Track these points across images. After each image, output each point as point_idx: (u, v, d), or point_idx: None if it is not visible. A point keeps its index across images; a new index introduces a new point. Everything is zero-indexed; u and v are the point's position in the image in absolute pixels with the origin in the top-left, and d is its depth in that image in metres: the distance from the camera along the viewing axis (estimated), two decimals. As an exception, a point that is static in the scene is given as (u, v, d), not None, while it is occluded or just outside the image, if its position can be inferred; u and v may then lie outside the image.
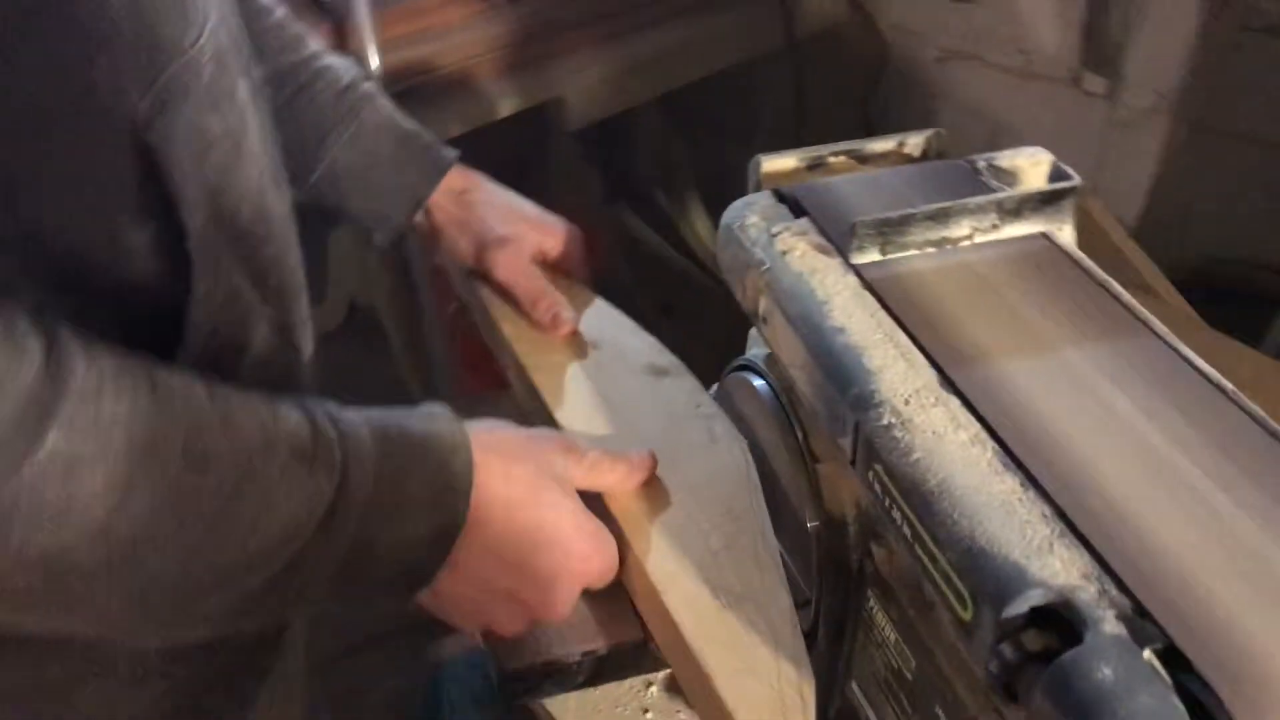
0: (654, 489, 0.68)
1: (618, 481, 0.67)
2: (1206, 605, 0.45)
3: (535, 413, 0.78)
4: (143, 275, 0.55)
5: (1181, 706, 0.42)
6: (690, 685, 0.61)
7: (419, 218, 0.88)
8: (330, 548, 0.53)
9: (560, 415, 0.75)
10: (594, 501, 0.67)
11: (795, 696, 0.58)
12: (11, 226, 0.49)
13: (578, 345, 0.83)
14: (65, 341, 0.46)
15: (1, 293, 0.47)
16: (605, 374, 0.79)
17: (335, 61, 0.88)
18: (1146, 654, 0.43)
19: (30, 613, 0.49)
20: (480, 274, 0.89)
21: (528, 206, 0.90)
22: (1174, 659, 0.43)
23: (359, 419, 0.57)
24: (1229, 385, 0.56)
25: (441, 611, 0.62)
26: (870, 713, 0.64)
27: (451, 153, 0.89)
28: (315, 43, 0.88)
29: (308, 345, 0.71)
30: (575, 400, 0.76)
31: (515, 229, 0.88)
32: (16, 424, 0.43)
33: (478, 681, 1.67)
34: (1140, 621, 0.44)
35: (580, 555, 0.62)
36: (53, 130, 0.50)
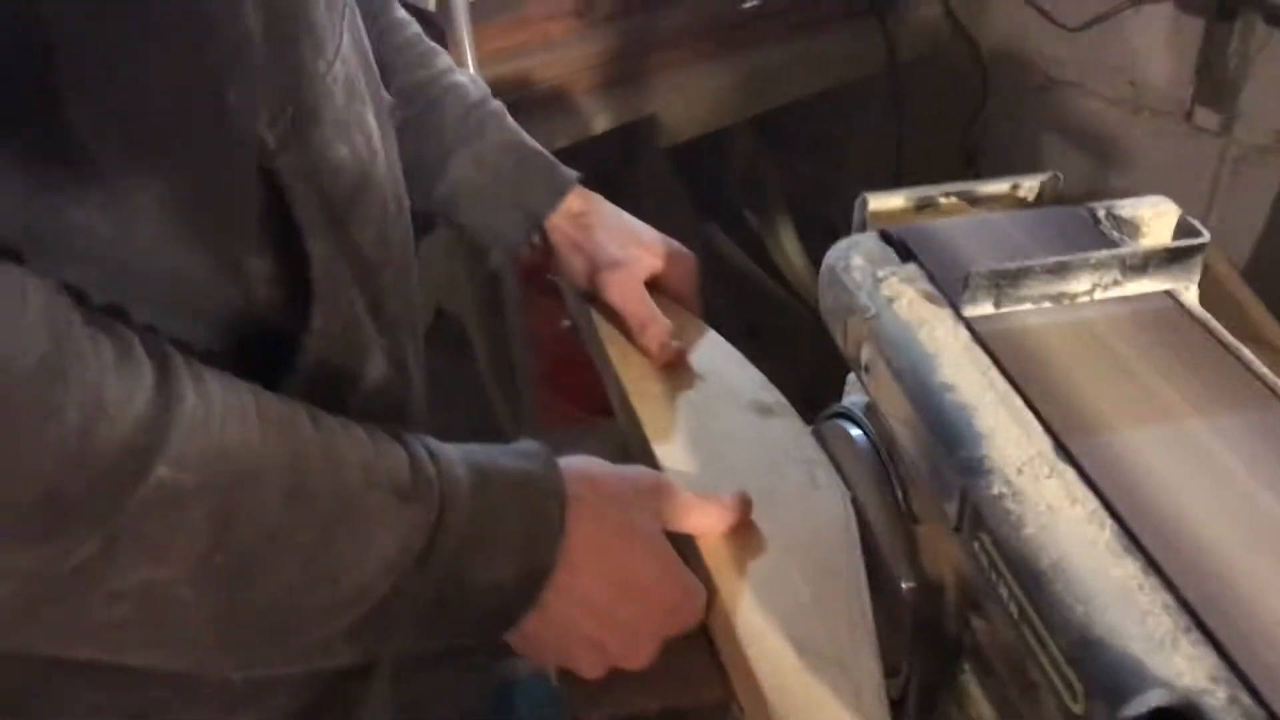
0: (747, 534, 0.66)
1: (710, 525, 0.65)
2: (1350, 720, 0.41)
3: (634, 441, 0.77)
4: (260, 302, 0.55)
5: (1322, 835, 0.38)
6: None
7: (536, 238, 0.88)
8: (422, 587, 0.52)
9: (658, 448, 0.73)
10: (684, 543, 0.65)
11: None
12: (130, 249, 0.49)
13: (684, 375, 0.80)
14: (176, 366, 0.45)
15: (117, 314, 0.47)
16: (709, 408, 0.76)
17: (464, 79, 0.88)
18: (1283, 772, 0.40)
19: (117, 643, 0.48)
20: (592, 296, 0.87)
21: (646, 231, 0.89)
22: (1312, 779, 0.40)
23: (457, 456, 0.56)
24: (1374, 470, 0.51)
25: (522, 649, 0.60)
26: (961, 790, 0.60)
27: (572, 174, 0.88)
28: (445, 59, 0.88)
29: (419, 376, 0.70)
30: (675, 433, 0.74)
31: (630, 252, 0.86)
32: (127, 451, 0.42)
33: (546, 700, 1.66)
34: (1276, 734, 0.41)
35: (668, 605, 0.60)
36: (178, 150, 0.49)
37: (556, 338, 1.82)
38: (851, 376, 0.74)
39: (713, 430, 0.74)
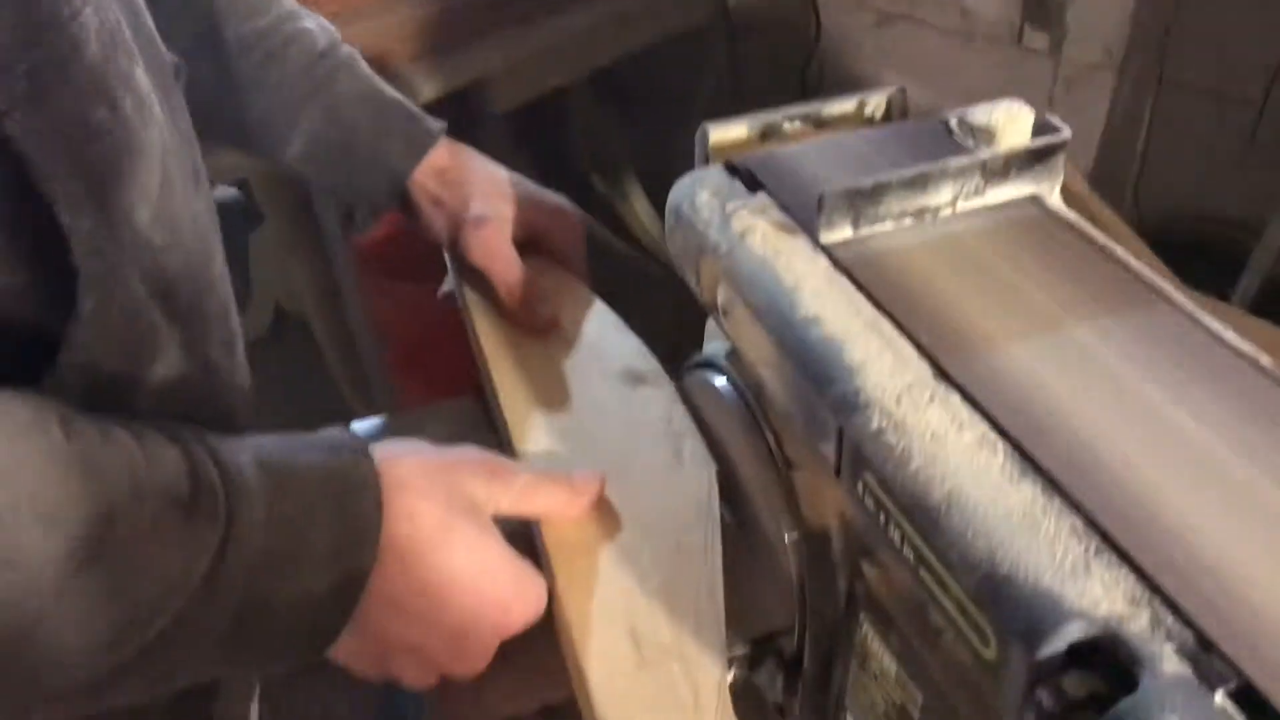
0: (598, 514, 0.60)
1: (555, 508, 0.59)
2: (1281, 630, 0.37)
3: (496, 417, 0.70)
4: (13, 290, 0.46)
5: (1268, 762, 0.34)
6: None
7: (398, 198, 0.80)
8: (215, 610, 0.45)
9: (514, 423, 0.67)
10: (529, 529, 0.59)
11: None
12: None
13: (553, 343, 0.74)
14: None
15: None
16: (575, 377, 0.71)
17: (310, 24, 0.79)
18: (1219, 698, 0.36)
19: None
20: (458, 259, 0.80)
21: (519, 184, 0.81)
22: (1252, 701, 0.36)
23: (247, 455, 0.48)
24: (1264, 358, 0.48)
25: (343, 663, 0.53)
26: (870, 751, 0.56)
27: (437, 125, 0.81)
28: (285, 4, 0.79)
29: (235, 367, 0.62)
30: (535, 406, 0.68)
31: (496, 208, 0.78)
32: None
33: (432, 707, 1.58)
34: (1207, 656, 0.37)
35: (498, 604, 0.54)
36: None
37: (409, 323, 1.73)
38: (711, 323, 0.69)
39: (578, 402, 0.68)
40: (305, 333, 2.01)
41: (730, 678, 0.54)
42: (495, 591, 0.54)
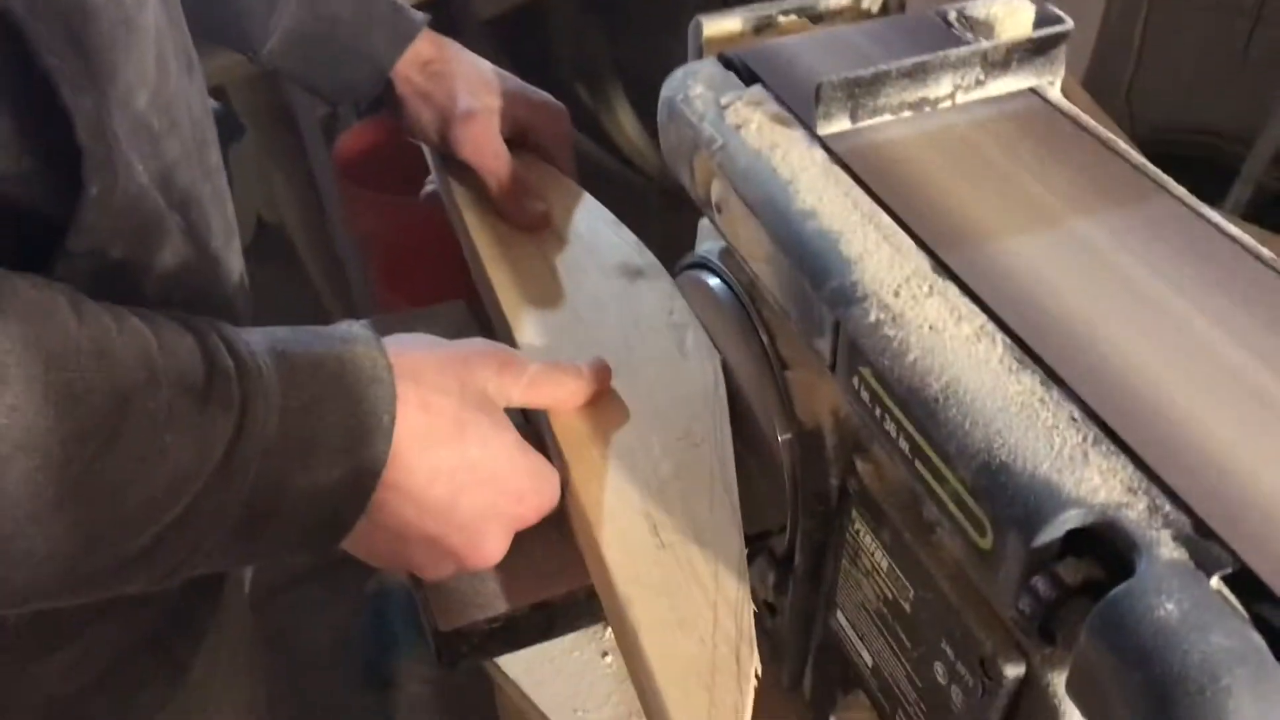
0: (605, 406, 0.59)
1: (565, 398, 0.58)
2: (1277, 514, 0.37)
3: (493, 315, 0.69)
4: (13, 173, 0.46)
5: (1263, 643, 0.34)
6: (618, 634, 0.53)
7: (382, 91, 0.78)
8: (228, 500, 0.45)
9: (514, 319, 0.66)
10: (537, 420, 0.59)
11: (729, 657, 0.49)
12: None
13: (547, 239, 0.73)
14: None
15: None
16: (572, 273, 0.69)
17: None
18: (1215, 581, 0.36)
19: None
20: (446, 155, 0.78)
21: (507, 79, 0.79)
22: (1247, 585, 0.36)
23: (261, 344, 0.48)
24: (1265, 250, 0.48)
25: (357, 554, 0.53)
26: (860, 647, 0.56)
27: (420, 16, 0.78)
28: None
29: (234, 261, 0.62)
30: (534, 302, 0.67)
31: (485, 102, 0.76)
32: None
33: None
34: (1203, 542, 0.37)
35: (513, 495, 0.54)
36: None
37: (391, 234, 1.72)
38: (704, 222, 0.68)
39: (575, 297, 0.67)
40: (287, 245, 1.99)
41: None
42: (511, 483, 0.53)
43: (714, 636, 0.50)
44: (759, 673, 0.50)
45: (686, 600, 0.51)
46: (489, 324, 0.70)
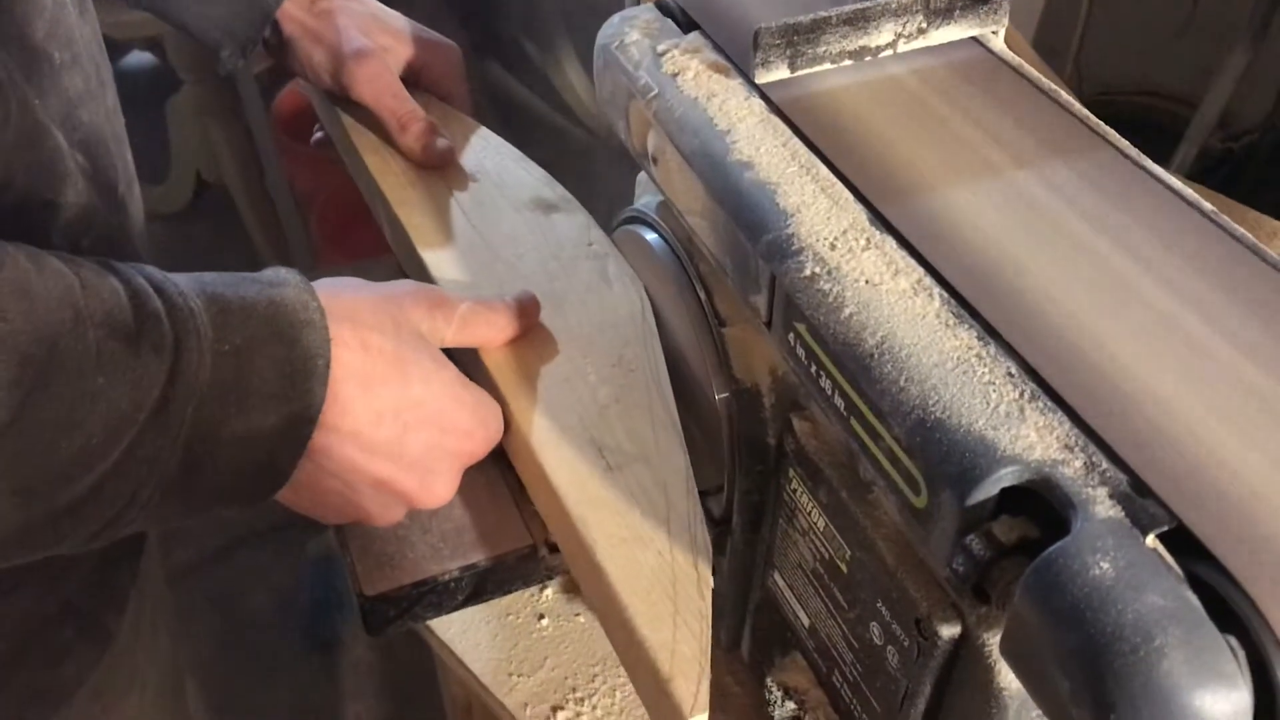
0: (536, 338, 0.59)
1: (496, 334, 0.58)
2: (1215, 473, 0.37)
3: (406, 258, 0.67)
4: None
5: (1197, 603, 0.33)
6: (573, 559, 0.53)
7: (268, 32, 0.75)
8: (163, 446, 0.43)
9: (430, 259, 0.64)
10: (469, 357, 0.57)
11: (688, 568, 0.49)
12: None
13: (454, 178, 0.71)
14: None
15: None
16: (484, 210, 0.68)
17: None
18: (1150, 540, 0.35)
19: None
20: (340, 95, 0.75)
21: (397, 18, 0.77)
22: (1183, 543, 0.35)
23: (190, 285, 0.46)
24: (1206, 204, 0.47)
25: (302, 508, 0.52)
26: (797, 607, 0.55)
27: None
28: None
29: (137, 209, 0.59)
30: (449, 241, 0.65)
31: (379, 41, 0.74)
32: None
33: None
34: (1140, 500, 0.36)
35: (461, 431, 0.53)
36: None
37: (331, 191, 1.68)
38: (642, 176, 0.66)
39: (491, 234, 0.66)
40: (227, 204, 1.94)
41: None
42: (458, 419, 0.53)
43: (671, 549, 0.50)
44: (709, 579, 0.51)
45: (640, 517, 0.51)
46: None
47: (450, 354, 0.55)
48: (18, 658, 0.59)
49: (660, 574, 0.49)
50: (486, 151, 0.73)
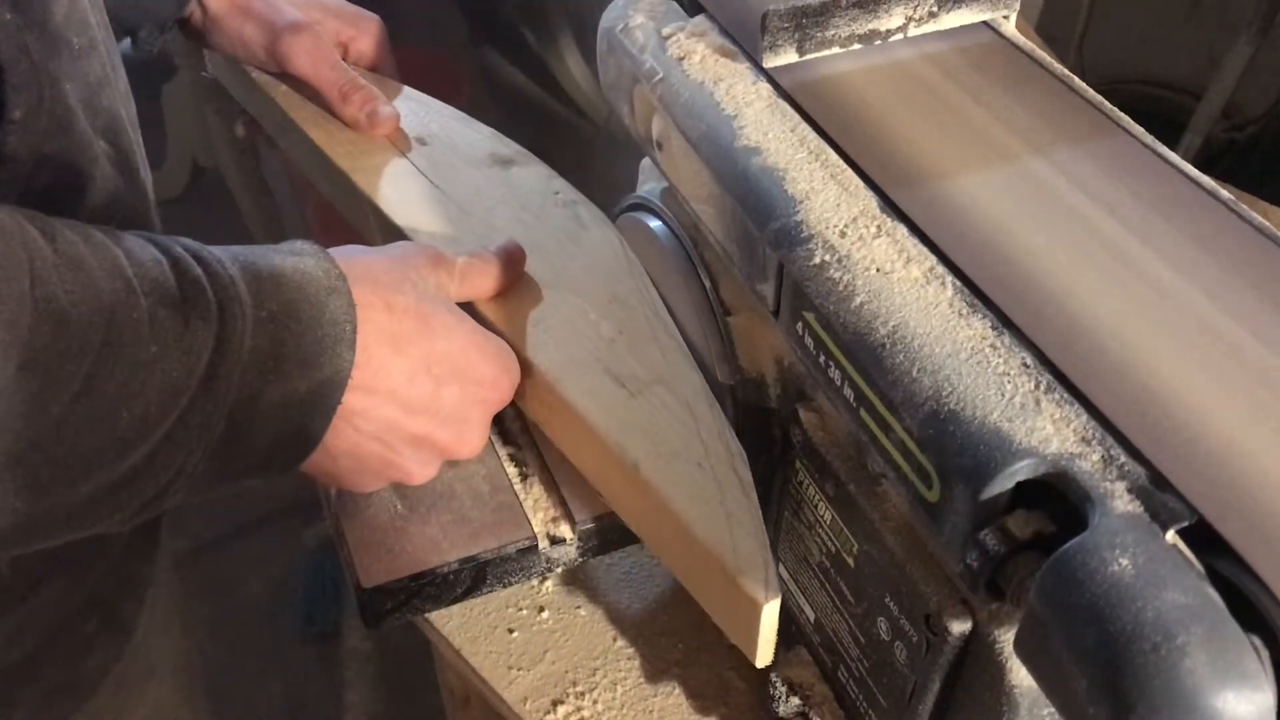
0: (528, 286, 0.60)
1: (492, 284, 0.59)
2: (1237, 466, 0.36)
3: (376, 226, 0.67)
4: None
5: (1219, 600, 0.33)
6: (612, 487, 0.54)
7: (192, 9, 0.74)
8: (213, 413, 0.44)
9: (404, 221, 0.63)
10: (467, 311, 0.57)
11: (729, 473, 0.51)
12: None
13: (404, 143, 0.70)
14: None
15: None
16: (443, 170, 0.67)
17: None
18: (1170, 536, 0.34)
19: None
20: (274, 70, 0.74)
21: None
22: (1205, 539, 0.34)
23: (224, 255, 0.46)
24: (1224, 192, 0.46)
25: (338, 476, 0.52)
26: (803, 601, 0.55)
27: None
28: None
29: (151, 193, 0.60)
30: (417, 203, 0.65)
31: (310, 13, 0.75)
32: None
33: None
34: (1159, 494, 0.35)
35: (487, 381, 0.54)
36: None
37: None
38: (645, 162, 0.65)
39: (455, 193, 0.65)
40: (222, 190, 1.93)
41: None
42: (483, 369, 0.54)
43: (709, 459, 0.51)
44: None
45: (672, 434, 0.52)
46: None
47: None
48: (44, 653, 0.59)
49: (704, 483, 0.50)
50: (430, 115, 0.72)
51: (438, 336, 0.52)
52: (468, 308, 0.57)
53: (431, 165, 0.67)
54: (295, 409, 0.47)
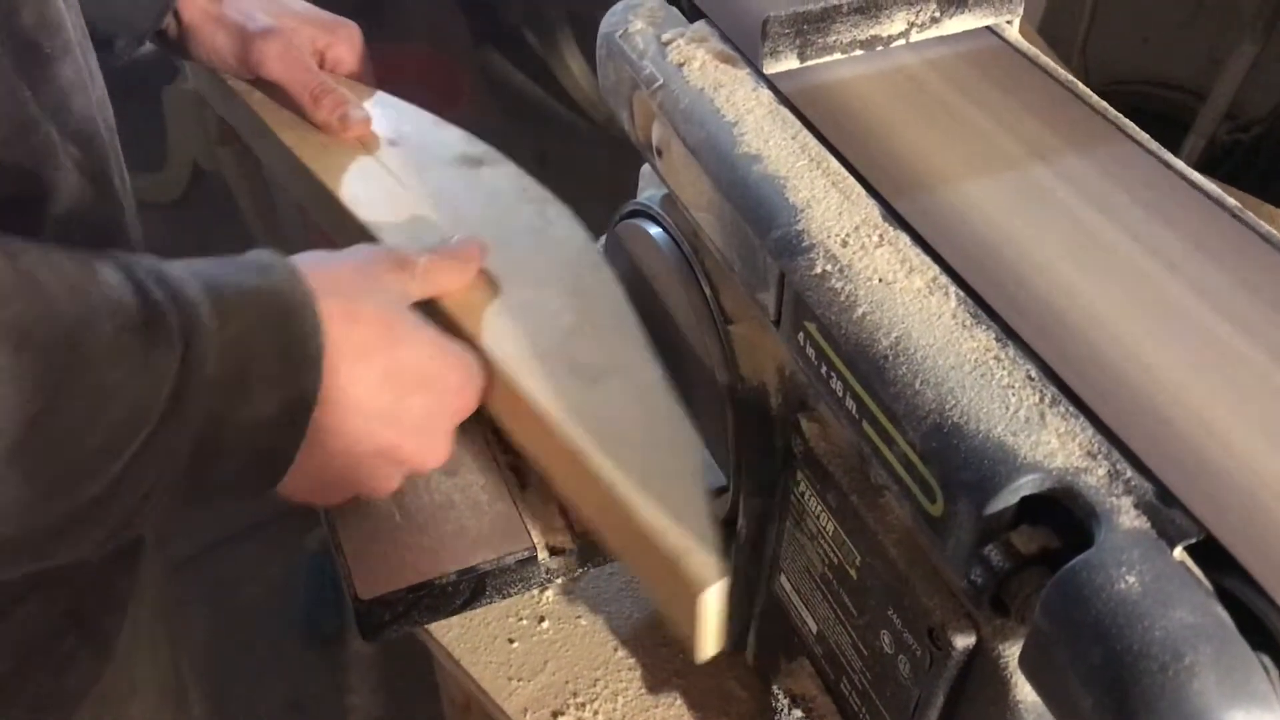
0: (490, 279, 0.59)
1: (455, 279, 0.58)
2: (1245, 481, 0.35)
3: (344, 227, 0.66)
4: None
5: (1228, 619, 0.32)
6: (567, 478, 0.53)
7: (168, 21, 0.73)
8: (180, 437, 0.43)
9: (370, 221, 0.63)
10: (428, 306, 0.57)
11: (679, 461, 0.51)
12: None
13: (374, 145, 0.70)
14: None
15: None
16: (412, 170, 0.67)
17: None
18: (1178, 552, 0.34)
19: None
20: (246, 77, 0.74)
21: (296, 1, 0.77)
22: (1213, 556, 0.34)
23: (187, 274, 0.46)
24: (1230, 200, 0.45)
25: (301, 494, 0.51)
26: (805, 612, 0.54)
27: None
28: None
29: (130, 202, 0.58)
30: (383, 202, 0.65)
31: (283, 21, 0.74)
32: None
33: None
34: (1166, 510, 0.34)
35: (451, 389, 0.53)
36: None
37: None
38: (645, 168, 0.64)
39: (425, 194, 0.65)
40: (223, 193, 1.93)
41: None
42: (447, 377, 0.53)
43: (659, 449, 0.51)
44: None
45: (625, 423, 0.52)
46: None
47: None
48: (22, 670, 0.58)
49: (651, 469, 0.50)
50: (403, 118, 0.73)
51: (401, 345, 0.51)
52: (429, 303, 0.57)
53: (401, 165, 0.68)
54: (264, 431, 0.46)
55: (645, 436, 0.51)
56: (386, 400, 0.50)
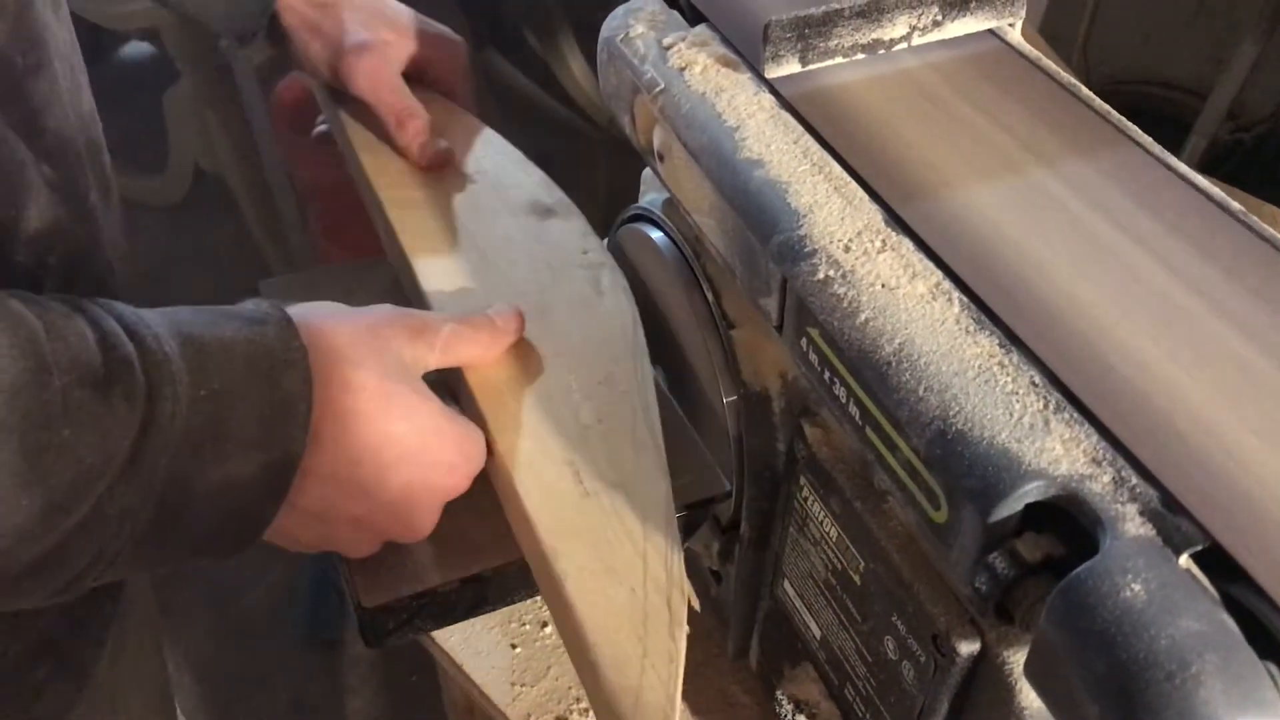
0: (521, 353, 0.56)
1: (481, 352, 0.55)
2: (1251, 488, 0.35)
3: (396, 262, 0.65)
4: None
5: (1234, 627, 0.32)
6: (543, 588, 0.51)
7: (268, 23, 0.72)
8: (135, 500, 0.41)
9: (420, 264, 0.62)
10: (451, 373, 0.55)
11: (661, 606, 0.47)
12: None
13: (450, 179, 0.68)
14: None
15: None
16: (479, 214, 0.65)
17: None
18: (1184, 560, 0.33)
19: None
20: (339, 91, 0.73)
21: (402, 12, 0.74)
22: (1219, 563, 0.33)
23: (164, 326, 0.43)
24: (1235, 204, 0.45)
25: (275, 542, 0.49)
26: (808, 618, 0.54)
27: None
28: None
29: (113, 219, 0.56)
30: (440, 246, 0.63)
31: (379, 34, 0.72)
32: None
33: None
34: (1172, 517, 0.34)
35: (443, 467, 0.50)
36: None
37: (331, 183, 1.66)
38: (647, 172, 0.64)
39: (483, 239, 0.63)
40: (225, 196, 1.93)
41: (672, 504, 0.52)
42: (439, 454, 0.50)
43: (645, 585, 0.48)
44: (694, 603, 0.49)
45: (614, 549, 0.49)
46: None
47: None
48: None
49: (631, 612, 0.47)
50: (487, 152, 0.70)
51: (395, 418, 0.48)
52: (452, 371, 0.55)
53: (469, 206, 0.66)
54: (238, 492, 0.44)
55: (632, 571, 0.48)
56: (367, 473, 0.48)
